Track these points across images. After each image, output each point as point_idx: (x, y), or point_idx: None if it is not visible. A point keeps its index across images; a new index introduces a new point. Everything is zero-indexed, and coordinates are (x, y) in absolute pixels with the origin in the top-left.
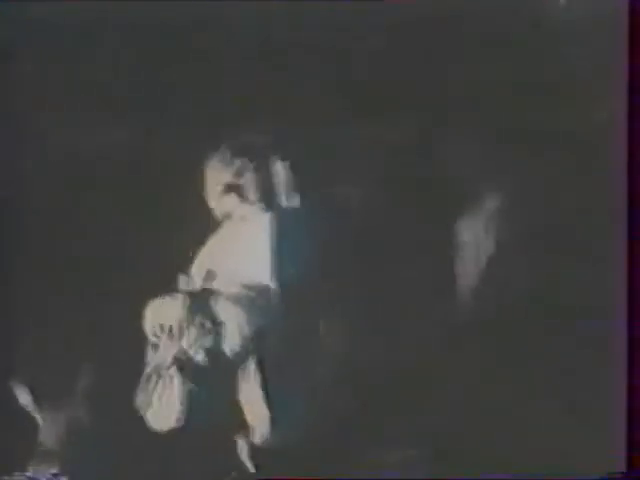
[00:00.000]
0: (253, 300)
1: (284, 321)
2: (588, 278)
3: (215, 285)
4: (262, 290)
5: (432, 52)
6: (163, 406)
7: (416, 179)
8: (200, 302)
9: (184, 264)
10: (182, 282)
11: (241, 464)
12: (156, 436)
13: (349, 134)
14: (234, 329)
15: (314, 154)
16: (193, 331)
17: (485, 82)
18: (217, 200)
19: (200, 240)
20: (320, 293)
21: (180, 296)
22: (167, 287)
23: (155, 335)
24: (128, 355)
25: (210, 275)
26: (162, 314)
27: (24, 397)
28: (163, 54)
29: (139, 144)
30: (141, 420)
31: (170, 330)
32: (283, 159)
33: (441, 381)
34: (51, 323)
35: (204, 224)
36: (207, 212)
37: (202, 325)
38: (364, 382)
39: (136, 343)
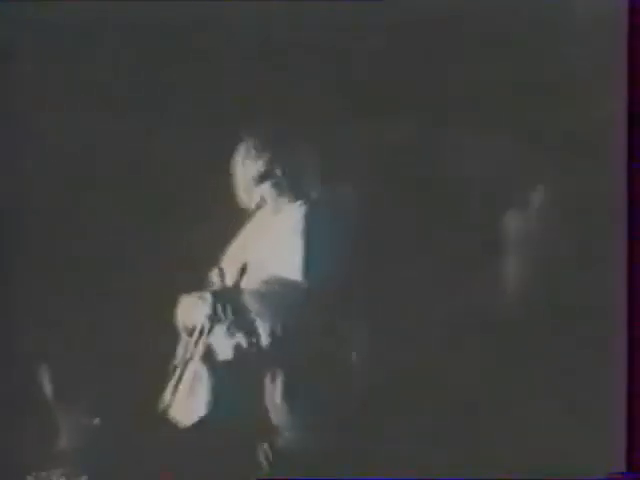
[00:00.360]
0: (283, 297)
1: (312, 320)
2: (588, 278)
3: (246, 280)
4: (292, 286)
5: (432, 52)
6: (188, 401)
7: (416, 179)
8: (230, 299)
9: (185, 263)
10: (214, 277)
11: (263, 466)
12: (176, 435)
13: (349, 134)
14: (263, 327)
15: (314, 154)
16: (222, 329)
17: (485, 82)
18: (248, 190)
19: (203, 239)
20: (346, 292)
21: (210, 292)
22: (169, 287)
23: (184, 331)
24: (136, 354)
25: (242, 270)
26: (191, 311)
27: (46, 385)
28: (163, 54)
29: (139, 144)
30: (155, 419)
31: (198, 327)
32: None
33: (442, 380)
34: (51, 323)
35: (205, 224)
36: (208, 211)
37: (231, 322)
38: (388, 383)
39: (141, 342)
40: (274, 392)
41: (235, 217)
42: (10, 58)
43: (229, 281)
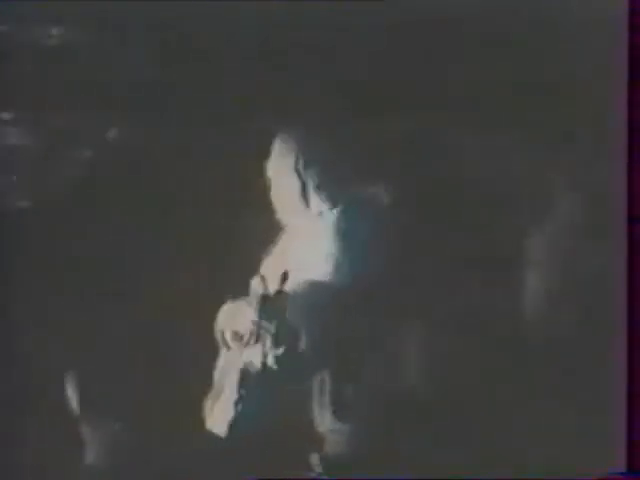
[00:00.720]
0: (325, 301)
1: (355, 324)
2: (588, 278)
3: (287, 287)
4: (334, 291)
5: (432, 52)
6: (230, 409)
7: (416, 178)
8: (275, 305)
9: (226, 270)
10: (256, 284)
11: (313, 474)
12: (220, 445)
13: (349, 134)
14: (308, 333)
15: (314, 154)
16: (265, 337)
17: (485, 82)
18: (293, 198)
19: (242, 245)
20: (390, 293)
21: (256, 299)
22: (208, 293)
23: (226, 341)
24: (171, 361)
25: (283, 275)
26: (235, 318)
27: (72, 396)
28: (163, 54)
29: (139, 144)
30: (192, 427)
31: (241, 337)
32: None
33: (441, 380)
34: (51, 324)
35: (203, 226)
36: (205, 213)
37: (276, 329)
38: (436, 388)
39: (178, 349)
40: (321, 399)
41: (273, 222)
42: (10, 58)
43: (271, 287)
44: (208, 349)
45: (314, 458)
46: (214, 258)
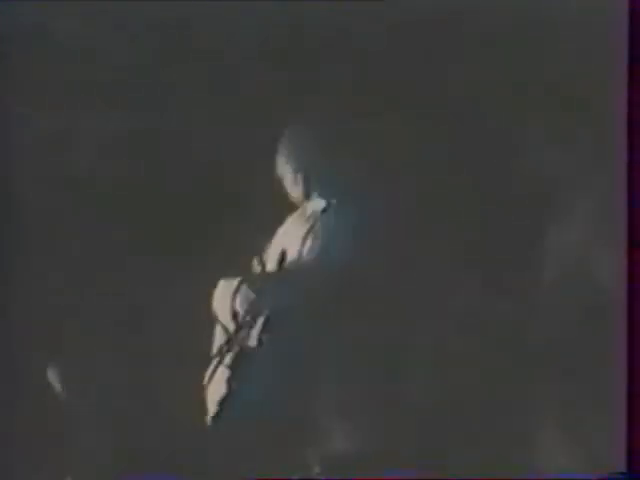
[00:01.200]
0: (322, 300)
1: (355, 323)
2: (588, 278)
3: (285, 268)
4: (330, 291)
5: (432, 52)
6: (223, 395)
7: (416, 178)
8: (272, 287)
9: (224, 253)
10: (254, 266)
11: (312, 470)
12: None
13: (349, 134)
14: (298, 316)
15: (314, 153)
16: (260, 319)
17: (485, 82)
18: (294, 184)
19: (200, 242)
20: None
21: (251, 279)
22: (204, 277)
23: (222, 320)
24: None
25: (281, 257)
26: (230, 298)
27: (56, 384)
28: (163, 54)
29: (139, 144)
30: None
31: (236, 316)
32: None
33: (442, 380)
34: (51, 324)
35: (204, 225)
36: (205, 213)
37: (269, 312)
38: (439, 385)
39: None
40: (320, 389)
41: (273, 218)
42: (10, 58)
43: (270, 266)
44: (206, 336)
45: (310, 454)
46: (214, 249)
